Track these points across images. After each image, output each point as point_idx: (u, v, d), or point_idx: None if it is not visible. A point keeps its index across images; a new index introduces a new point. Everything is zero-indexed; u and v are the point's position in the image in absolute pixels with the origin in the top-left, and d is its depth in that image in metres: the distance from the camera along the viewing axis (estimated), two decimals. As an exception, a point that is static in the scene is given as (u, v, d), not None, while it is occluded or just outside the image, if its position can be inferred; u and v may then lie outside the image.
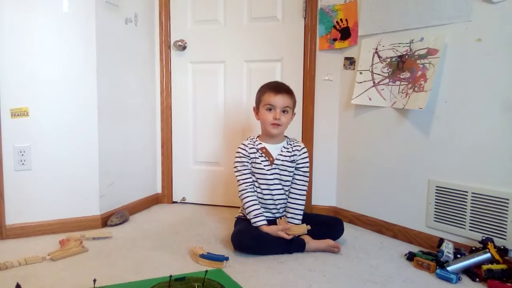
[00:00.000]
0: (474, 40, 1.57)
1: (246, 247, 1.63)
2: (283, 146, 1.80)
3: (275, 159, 1.77)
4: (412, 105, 1.74)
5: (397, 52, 1.85)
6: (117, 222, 2.00)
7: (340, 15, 2.09)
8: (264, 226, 1.68)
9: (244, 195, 1.76)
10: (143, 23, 2.30)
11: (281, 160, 1.77)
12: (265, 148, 1.78)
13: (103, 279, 1.34)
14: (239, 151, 1.81)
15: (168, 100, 2.46)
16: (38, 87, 1.81)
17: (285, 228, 1.68)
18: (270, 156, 1.77)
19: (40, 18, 1.79)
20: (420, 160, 1.77)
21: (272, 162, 1.77)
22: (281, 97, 1.73)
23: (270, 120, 1.73)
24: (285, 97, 1.74)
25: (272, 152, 1.78)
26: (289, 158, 1.78)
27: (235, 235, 1.67)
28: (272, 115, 1.73)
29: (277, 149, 1.79)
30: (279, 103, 1.73)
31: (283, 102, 1.73)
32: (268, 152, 1.77)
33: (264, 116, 1.75)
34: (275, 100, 1.73)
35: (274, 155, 1.78)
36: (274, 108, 1.73)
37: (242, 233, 1.67)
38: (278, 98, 1.73)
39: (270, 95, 1.74)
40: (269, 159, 1.77)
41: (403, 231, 1.85)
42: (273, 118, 1.72)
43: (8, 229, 1.79)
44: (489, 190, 1.54)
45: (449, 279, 1.39)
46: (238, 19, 2.33)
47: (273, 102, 1.73)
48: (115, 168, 2.08)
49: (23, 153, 1.80)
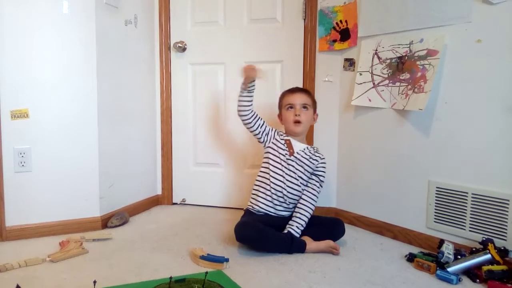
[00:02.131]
0: (474, 41, 1.57)
1: (248, 238, 1.65)
2: (307, 147, 1.87)
3: (296, 152, 1.83)
4: (412, 106, 1.74)
5: (396, 53, 1.85)
6: (117, 223, 2.00)
7: (340, 17, 2.09)
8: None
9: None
10: (143, 25, 2.31)
11: (301, 156, 1.83)
12: (289, 140, 1.85)
13: (103, 281, 1.34)
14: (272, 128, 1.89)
15: (168, 102, 2.46)
16: (38, 88, 1.81)
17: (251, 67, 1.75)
18: (291, 148, 1.83)
19: (40, 20, 1.79)
20: (420, 161, 1.78)
21: (291, 154, 1.83)
22: (298, 94, 1.86)
23: (292, 118, 1.83)
24: (302, 94, 1.87)
25: (295, 146, 1.85)
26: (309, 159, 1.84)
27: (239, 226, 1.69)
28: (293, 112, 1.83)
29: (300, 146, 1.85)
30: (297, 100, 1.84)
31: (301, 99, 1.85)
32: (290, 145, 1.85)
33: (285, 116, 1.86)
34: (293, 98, 1.85)
35: (296, 149, 1.84)
36: (293, 106, 1.84)
37: (246, 224, 1.70)
38: (296, 96, 1.85)
39: (288, 96, 1.87)
40: (289, 150, 1.83)
41: (403, 232, 1.85)
42: (294, 115, 1.82)
43: (8, 231, 1.79)
44: (489, 191, 1.54)
45: (450, 280, 1.39)
46: (238, 21, 2.33)
47: (291, 100, 1.84)
48: (115, 169, 2.08)
49: (23, 155, 1.80)
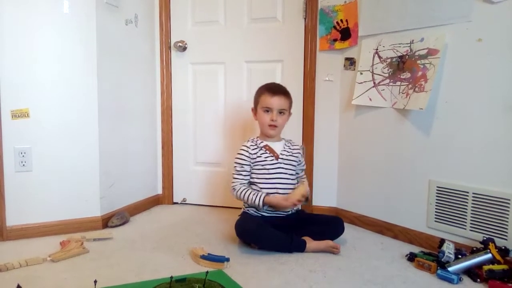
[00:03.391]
0: (475, 40, 1.57)
1: (249, 234, 1.66)
2: (285, 144, 1.86)
3: (279, 154, 1.81)
4: (413, 105, 1.74)
5: (397, 52, 1.84)
6: (117, 223, 2.00)
7: (340, 16, 2.09)
8: (268, 197, 1.72)
9: (240, 188, 1.79)
10: (144, 24, 2.30)
11: (286, 155, 1.82)
12: (268, 145, 1.83)
13: (104, 280, 1.34)
14: (240, 153, 1.83)
15: (168, 101, 2.46)
16: (39, 88, 1.81)
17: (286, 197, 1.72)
18: (274, 152, 1.82)
19: (41, 20, 1.79)
20: (420, 161, 1.77)
21: (277, 157, 1.81)
22: (277, 98, 1.79)
23: (268, 122, 1.80)
24: (281, 98, 1.80)
25: (275, 148, 1.83)
26: (293, 155, 1.85)
27: (240, 221, 1.70)
28: (269, 116, 1.79)
29: (279, 147, 1.84)
30: (276, 105, 1.79)
31: (279, 104, 1.79)
32: (271, 149, 1.83)
33: (261, 118, 1.82)
34: (271, 102, 1.79)
35: (278, 151, 1.82)
36: (271, 110, 1.79)
37: (247, 220, 1.71)
38: (275, 100, 1.79)
39: (266, 97, 1.80)
40: (273, 154, 1.81)
41: (404, 232, 1.84)
42: (270, 119, 1.78)
43: (8, 231, 1.79)
44: (490, 191, 1.54)
45: (450, 280, 1.39)
46: (238, 20, 2.33)
47: (269, 104, 1.79)
48: (115, 169, 2.08)
49: (24, 155, 1.80)
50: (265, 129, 1.82)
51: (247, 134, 2.28)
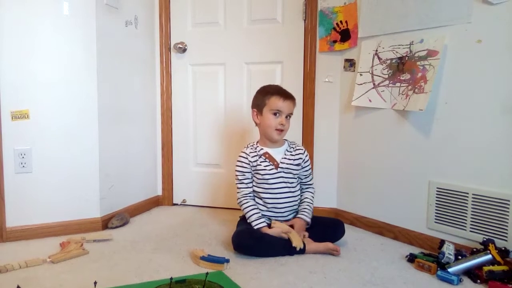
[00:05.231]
0: (474, 42, 1.57)
1: (246, 248, 1.63)
2: (286, 149, 1.80)
3: (279, 163, 1.77)
4: (413, 106, 1.74)
5: (397, 53, 1.85)
6: (117, 224, 2.00)
7: (340, 17, 2.09)
8: (265, 228, 1.68)
9: (243, 202, 1.76)
10: (143, 26, 2.31)
11: (286, 164, 1.77)
12: (267, 153, 1.77)
13: (104, 282, 1.34)
14: (240, 160, 1.79)
15: (168, 102, 2.46)
16: (39, 89, 1.81)
17: (287, 231, 1.67)
18: (274, 161, 1.76)
19: (41, 21, 1.80)
20: (420, 162, 1.77)
21: (277, 166, 1.76)
22: (289, 103, 1.74)
23: (275, 125, 1.73)
24: (291, 103, 1.76)
25: (276, 156, 1.77)
26: (294, 162, 1.78)
27: (236, 235, 1.67)
28: (278, 120, 1.73)
29: (280, 153, 1.79)
30: (287, 109, 1.74)
31: (290, 108, 1.75)
32: (271, 157, 1.77)
33: (268, 121, 1.74)
34: (283, 105, 1.73)
35: (278, 159, 1.77)
36: (280, 113, 1.73)
37: (243, 233, 1.67)
38: (286, 104, 1.73)
39: (278, 100, 1.73)
40: (273, 163, 1.76)
41: (404, 233, 1.84)
42: (279, 123, 1.72)
43: (8, 232, 1.79)
44: (490, 192, 1.54)
45: (450, 281, 1.39)
46: (238, 21, 2.33)
47: (280, 107, 1.72)
48: (115, 170, 2.08)
49: (24, 156, 1.80)
50: (271, 133, 1.74)
51: (247, 135, 2.28)
